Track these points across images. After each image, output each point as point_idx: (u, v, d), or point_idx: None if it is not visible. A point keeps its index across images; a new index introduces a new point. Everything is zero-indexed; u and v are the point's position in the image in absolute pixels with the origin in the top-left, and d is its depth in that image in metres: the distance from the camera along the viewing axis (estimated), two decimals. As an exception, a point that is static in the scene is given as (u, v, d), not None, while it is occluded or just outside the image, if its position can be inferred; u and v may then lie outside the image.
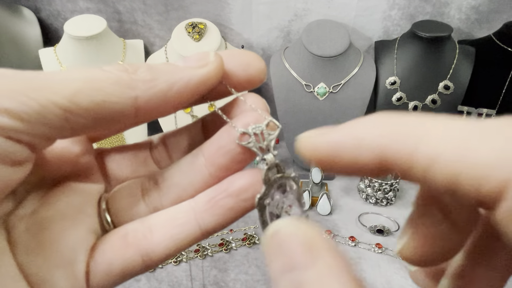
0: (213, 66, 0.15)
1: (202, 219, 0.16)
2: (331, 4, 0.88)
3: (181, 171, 0.17)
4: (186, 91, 0.15)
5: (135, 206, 0.17)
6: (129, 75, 0.14)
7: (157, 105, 0.15)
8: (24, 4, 0.89)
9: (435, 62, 0.81)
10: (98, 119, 0.14)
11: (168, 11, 0.90)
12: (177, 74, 0.15)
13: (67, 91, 0.13)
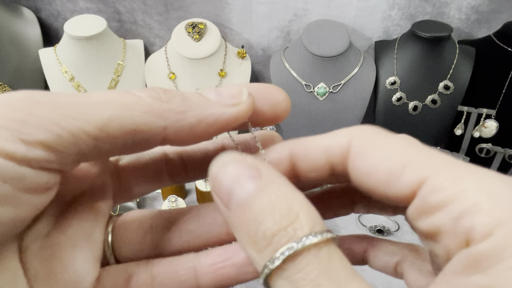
0: (245, 107, 0.15)
1: (202, 280, 0.16)
2: (331, 4, 0.88)
3: (199, 220, 0.17)
4: (214, 127, 0.15)
5: (141, 244, 0.17)
6: (162, 104, 0.14)
7: (184, 136, 0.15)
8: (24, 4, 0.89)
9: (435, 62, 0.81)
10: (125, 145, 0.14)
11: (168, 11, 0.90)
12: (209, 110, 0.15)
13: (99, 120, 0.13)
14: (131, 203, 0.78)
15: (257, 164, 0.14)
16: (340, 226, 0.77)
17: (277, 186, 0.14)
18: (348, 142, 0.15)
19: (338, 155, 0.15)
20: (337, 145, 0.16)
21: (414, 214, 0.14)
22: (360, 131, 0.16)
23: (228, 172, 0.14)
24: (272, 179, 0.14)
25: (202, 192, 0.82)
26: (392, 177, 0.14)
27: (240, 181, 0.14)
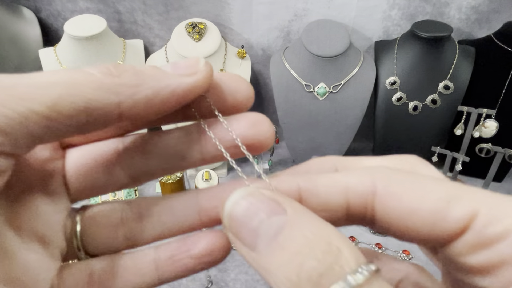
0: (202, 75, 0.15)
1: (162, 272, 0.16)
2: (331, 4, 0.88)
3: (171, 211, 0.17)
4: (172, 99, 0.14)
5: (112, 237, 0.17)
6: (113, 79, 0.13)
7: (141, 111, 0.14)
8: (24, 4, 0.89)
9: (435, 62, 0.81)
10: (79, 124, 0.13)
11: (168, 11, 0.90)
12: (164, 81, 0.14)
13: (48, 99, 0.12)
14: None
15: (276, 197, 0.14)
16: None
17: (306, 219, 0.13)
18: (371, 182, 0.15)
19: (360, 196, 0.15)
20: (358, 185, 0.15)
21: (464, 249, 0.13)
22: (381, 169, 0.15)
23: (248, 210, 0.13)
24: (299, 212, 0.13)
25: (202, 192, 0.82)
26: (438, 214, 0.13)
27: (264, 219, 0.13)
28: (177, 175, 0.82)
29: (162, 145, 0.17)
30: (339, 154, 0.89)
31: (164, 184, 0.82)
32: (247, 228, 0.13)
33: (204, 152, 0.17)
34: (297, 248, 0.12)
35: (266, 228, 0.13)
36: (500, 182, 0.90)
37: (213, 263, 0.16)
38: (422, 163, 0.17)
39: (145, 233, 0.17)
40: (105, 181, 0.17)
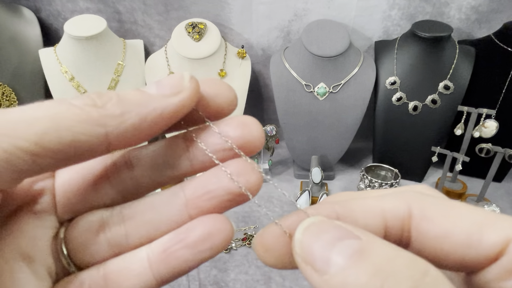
0: (188, 93, 0.15)
1: (157, 270, 0.15)
2: (331, 4, 0.88)
3: (156, 208, 0.16)
4: (160, 122, 0.14)
5: (95, 244, 0.16)
6: (98, 111, 0.13)
7: (129, 138, 0.14)
8: (24, 4, 0.89)
9: (435, 62, 0.81)
10: (67, 158, 0.13)
11: (168, 11, 0.90)
12: (150, 105, 0.14)
13: (33, 135, 0.12)
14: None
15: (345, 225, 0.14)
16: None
17: (382, 241, 0.13)
18: (406, 205, 0.15)
19: (397, 219, 0.15)
20: (394, 209, 0.15)
21: (499, 275, 0.13)
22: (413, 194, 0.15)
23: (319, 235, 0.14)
24: (372, 235, 0.13)
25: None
26: (472, 238, 0.13)
27: (337, 243, 0.13)
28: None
29: (148, 157, 0.17)
30: (339, 154, 0.89)
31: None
32: (319, 252, 0.13)
33: (192, 159, 0.16)
34: (379, 266, 0.12)
35: (341, 251, 0.13)
36: (500, 182, 0.90)
37: (214, 251, 0.15)
38: (432, 191, 0.17)
39: (130, 237, 0.16)
40: (94, 199, 0.17)
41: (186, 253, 0.15)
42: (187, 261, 0.15)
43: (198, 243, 0.15)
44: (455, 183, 0.86)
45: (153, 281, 0.15)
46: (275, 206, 0.83)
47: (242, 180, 0.15)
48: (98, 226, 0.16)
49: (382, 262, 0.12)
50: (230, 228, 0.15)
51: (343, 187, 0.90)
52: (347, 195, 0.18)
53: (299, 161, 0.93)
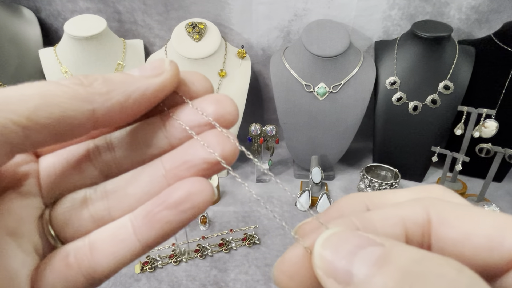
0: (169, 75, 0.16)
1: (141, 234, 0.15)
2: (331, 4, 0.88)
3: (137, 181, 0.17)
4: (143, 101, 0.15)
5: (79, 220, 0.17)
6: (85, 89, 0.14)
7: (115, 115, 0.15)
8: (24, 4, 0.89)
9: (435, 62, 0.81)
10: (57, 133, 0.14)
11: (168, 11, 0.90)
12: (133, 85, 0.15)
13: (25, 109, 0.13)
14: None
15: (365, 233, 0.14)
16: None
17: (405, 246, 0.13)
18: (425, 211, 0.15)
19: (417, 225, 0.15)
20: (413, 215, 0.15)
21: None
22: (430, 199, 0.15)
23: (339, 245, 0.13)
24: (395, 241, 0.13)
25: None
26: (494, 241, 0.13)
27: (359, 251, 0.13)
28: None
29: (128, 137, 0.17)
30: (339, 154, 0.89)
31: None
32: (340, 263, 0.13)
33: (170, 137, 0.17)
34: (406, 269, 0.12)
35: (364, 259, 0.13)
36: (500, 182, 0.90)
37: (195, 211, 0.15)
38: (448, 192, 0.17)
39: (112, 210, 0.17)
40: (77, 179, 0.17)
41: (168, 214, 0.15)
42: (170, 222, 0.15)
43: (179, 204, 0.15)
44: (455, 183, 0.86)
45: (137, 245, 0.16)
46: (275, 206, 0.83)
47: (217, 149, 0.16)
48: (81, 203, 0.17)
49: (409, 264, 0.12)
50: (210, 189, 0.15)
51: (343, 187, 0.90)
52: (351, 203, 0.18)
53: (299, 161, 0.92)
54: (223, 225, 0.77)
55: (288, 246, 0.72)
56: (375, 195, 0.18)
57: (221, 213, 0.81)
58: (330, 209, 0.18)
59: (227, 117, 0.16)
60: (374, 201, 0.18)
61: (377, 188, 0.81)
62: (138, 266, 0.66)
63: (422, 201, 0.15)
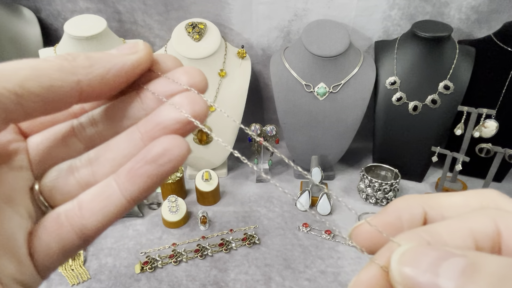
0: (143, 53, 0.18)
1: (125, 189, 0.17)
2: (331, 4, 0.88)
3: (116, 146, 0.18)
4: (122, 74, 0.17)
5: (67, 185, 0.18)
6: (70, 63, 0.16)
7: (98, 87, 0.17)
8: (24, 4, 0.89)
9: (435, 62, 0.81)
10: (47, 102, 0.15)
11: (168, 11, 0.91)
12: (112, 60, 0.17)
13: (17, 79, 0.15)
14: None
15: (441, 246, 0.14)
16: (340, 226, 0.77)
17: (487, 254, 0.13)
18: (494, 224, 0.15)
19: (488, 237, 0.15)
20: (482, 227, 0.15)
21: None
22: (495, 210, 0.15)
23: (419, 259, 0.13)
24: (475, 251, 0.13)
25: (202, 192, 0.82)
26: None
27: (442, 263, 0.13)
28: (177, 175, 0.82)
29: (109, 112, 0.19)
30: (339, 154, 0.89)
31: (164, 184, 0.82)
32: (424, 277, 0.13)
33: (146, 109, 0.18)
34: (500, 275, 0.12)
35: (449, 270, 0.13)
36: (500, 182, 0.90)
37: (173, 164, 0.17)
38: (502, 197, 0.17)
39: (96, 174, 0.18)
40: (64, 153, 0.19)
41: (148, 168, 0.17)
42: (151, 176, 0.17)
43: (157, 158, 0.16)
44: (455, 183, 0.86)
45: (123, 200, 0.17)
46: (275, 206, 0.83)
47: (188, 109, 0.17)
48: (67, 171, 0.18)
49: (501, 270, 0.12)
50: (185, 144, 0.17)
51: (343, 187, 0.90)
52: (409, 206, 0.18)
53: (299, 161, 0.92)
54: (223, 225, 0.77)
55: (288, 246, 0.72)
56: (431, 198, 0.18)
57: (221, 213, 0.81)
58: (387, 210, 0.18)
59: (198, 85, 0.18)
60: (431, 205, 0.18)
61: (377, 188, 0.81)
62: (138, 266, 0.66)
63: (489, 212, 0.15)
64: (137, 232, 0.75)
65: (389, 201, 0.82)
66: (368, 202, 0.83)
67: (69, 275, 0.65)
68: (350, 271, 0.66)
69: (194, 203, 0.85)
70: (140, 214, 0.79)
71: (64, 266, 0.66)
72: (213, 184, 0.82)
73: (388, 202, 0.82)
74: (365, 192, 0.83)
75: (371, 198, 0.83)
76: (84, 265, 0.67)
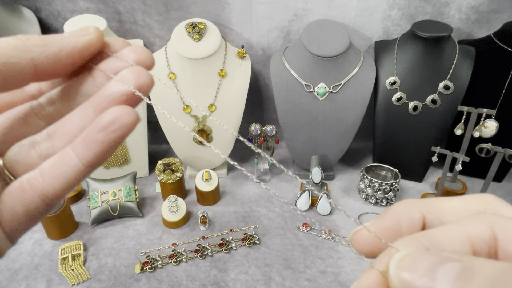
0: (94, 35, 0.20)
1: (81, 156, 0.18)
2: (331, 4, 0.88)
3: (72, 120, 0.20)
4: (74, 54, 0.19)
5: (28, 158, 0.19)
6: (24, 42, 0.18)
7: (52, 65, 0.18)
8: (24, 4, 0.89)
9: (435, 62, 0.81)
10: (4, 78, 0.17)
11: (168, 11, 0.91)
12: (65, 41, 0.19)
13: None
14: (131, 202, 0.78)
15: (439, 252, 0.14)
16: (340, 226, 0.77)
17: (484, 259, 0.13)
18: (490, 229, 0.15)
19: (484, 242, 0.15)
20: (479, 233, 0.15)
21: None
22: (491, 216, 0.16)
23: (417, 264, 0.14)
24: (472, 256, 0.14)
25: (202, 192, 0.82)
26: None
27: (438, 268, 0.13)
28: (177, 175, 0.82)
29: (64, 91, 0.21)
30: (339, 154, 0.89)
31: (164, 184, 0.82)
32: (421, 281, 0.13)
33: (98, 85, 0.20)
34: (495, 278, 0.12)
35: (445, 274, 0.13)
36: (500, 182, 0.90)
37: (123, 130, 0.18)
38: (500, 202, 0.17)
39: (55, 147, 0.20)
40: (25, 131, 0.21)
41: (101, 135, 0.18)
42: (104, 142, 0.18)
43: (108, 125, 0.18)
44: (455, 183, 0.86)
45: (80, 165, 0.18)
46: (275, 206, 0.83)
47: (133, 82, 0.19)
48: (28, 146, 0.20)
49: (496, 274, 0.12)
50: (133, 112, 0.18)
51: (343, 187, 0.90)
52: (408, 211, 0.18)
53: (299, 161, 0.93)
54: (223, 225, 0.77)
55: (288, 246, 0.72)
56: (430, 202, 0.18)
57: (221, 213, 0.81)
58: (386, 215, 0.18)
59: (144, 61, 0.20)
60: (430, 209, 0.18)
61: (377, 188, 0.81)
62: (138, 266, 0.66)
63: (486, 218, 0.16)
64: (137, 232, 0.75)
65: (389, 201, 0.82)
66: (368, 202, 0.83)
67: (69, 275, 0.65)
68: (350, 271, 0.66)
69: (194, 203, 0.85)
70: (140, 214, 0.79)
71: (64, 266, 0.66)
72: (213, 184, 0.82)
73: (388, 202, 0.82)
74: (365, 192, 0.83)
75: (371, 198, 0.83)
76: (84, 265, 0.67)
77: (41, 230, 0.75)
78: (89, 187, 0.79)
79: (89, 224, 0.76)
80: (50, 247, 0.72)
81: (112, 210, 0.77)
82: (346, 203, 0.84)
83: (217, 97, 0.84)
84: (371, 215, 0.80)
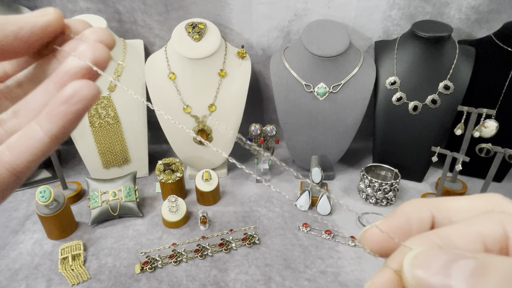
0: (53, 16, 0.20)
1: (46, 128, 0.19)
2: (331, 4, 0.88)
3: (35, 98, 0.20)
4: (34, 33, 0.19)
5: None
6: None
7: (13, 43, 0.19)
8: (24, 4, 0.89)
9: (435, 62, 0.81)
10: None
11: (168, 11, 0.91)
12: (24, 20, 0.19)
13: None
14: (131, 202, 0.78)
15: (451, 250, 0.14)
16: (340, 226, 0.77)
17: (496, 256, 0.13)
18: (502, 228, 0.15)
19: (496, 241, 0.15)
20: (491, 231, 0.15)
21: None
22: (502, 215, 0.16)
23: (430, 262, 0.14)
24: (485, 253, 0.14)
25: (202, 192, 0.82)
26: None
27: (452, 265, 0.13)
28: (177, 175, 0.82)
29: (31, 73, 0.22)
30: (339, 154, 0.89)
31: (164, 184, 0.82)
32: (435, 279, 0.14)
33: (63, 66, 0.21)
34: (508, 276, 0.12)
35: (459, 271, 0.13)
36: (500, 182, 0.90)
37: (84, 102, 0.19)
38: (507, 201, 0.17)
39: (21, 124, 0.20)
40: None
41: (63, 108, 0.19)
42: (66, 114, 0.19)
43: (70, 98, 0.19)
44: (455, 183, 0.86)
45: (45, 138, 0.19)
46: (275, 206, 0.83)
47: (89, 56, 0.19)
48: None
49: (511, 271, 0.12)
50: (93, 85, 0.19)
51: (343, 187, 0.90)
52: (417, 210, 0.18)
53: (299, 161, 0.93)
54: (223, 225, 0.77)
55: (288, 246, 0.72)
56: (439, 201, 0.18)
57: (221, 213, 0.81)
58: (395, 214, 0.18)
59: (104, 41, 0.21)
60: (439, 208, 0.18)
61: (377, 188, 0.81)
62: (138, 266, 0.66)
63: (497, 216, 0.16)
64: (137, 232, 0.75)
65: (389, 201, 0.82)
66: (368, 202, 0.83)
67: (69, 275, 0.65)
68: (350, 271, 0.66)
69: (194, 203, 0.85)
70: (140, 214, 0.79)
71: (64, 266, 0.66)
72: (213, 184, 0.82)
73: (388, 202, 0.82)
74: (365, 192, 0.83)
75: (371, 198, 0.83)
76: (84, 265, 0.67)
77: (41, 230, 0.75)
78: (89, 187, 0.79)
79: (89, 224, 0.76)
80: (50, 247, 0.72)
81: (112, 210, 0.77)
82: (346, 203, 0.84)
83: (217, 97, 0.84)
84: (371, 215, 0.80)
